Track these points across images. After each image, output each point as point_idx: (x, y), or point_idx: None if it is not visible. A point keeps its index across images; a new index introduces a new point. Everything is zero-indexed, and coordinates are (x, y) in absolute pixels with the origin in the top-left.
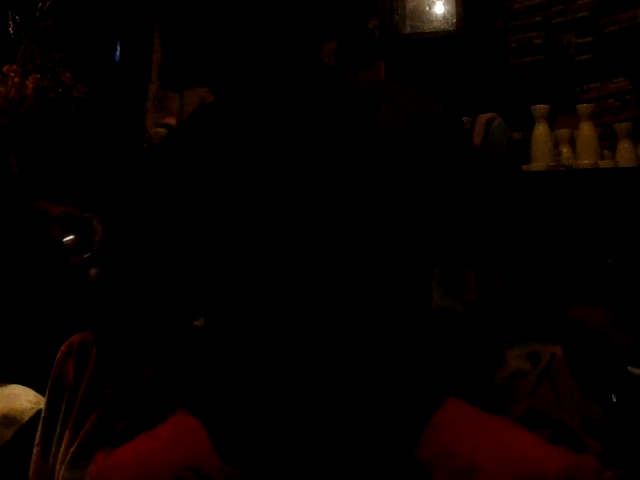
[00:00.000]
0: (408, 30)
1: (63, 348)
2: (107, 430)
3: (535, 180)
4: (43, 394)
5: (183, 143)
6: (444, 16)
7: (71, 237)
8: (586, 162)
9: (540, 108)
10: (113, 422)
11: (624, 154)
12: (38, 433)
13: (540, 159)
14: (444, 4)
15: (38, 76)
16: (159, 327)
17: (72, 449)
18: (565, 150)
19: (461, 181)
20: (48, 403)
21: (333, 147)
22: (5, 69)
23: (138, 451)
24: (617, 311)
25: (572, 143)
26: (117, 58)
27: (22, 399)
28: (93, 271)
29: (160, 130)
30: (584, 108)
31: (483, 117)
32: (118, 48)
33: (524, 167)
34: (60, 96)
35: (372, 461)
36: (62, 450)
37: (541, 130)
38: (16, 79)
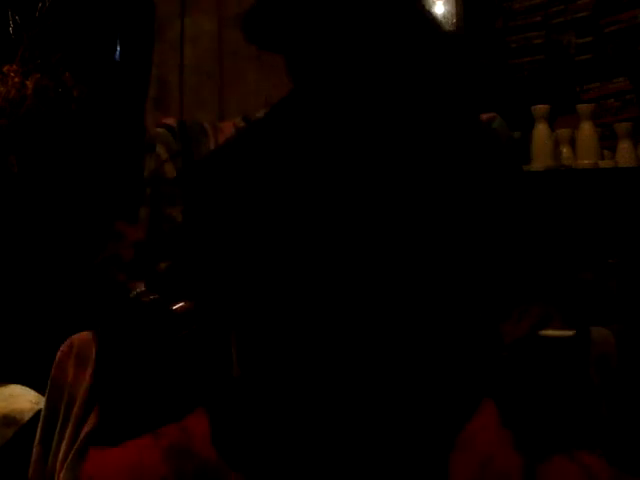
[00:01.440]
0: None
1: (63, 348)
2: (106, 430)
3: (535, 180)
4: (43, 394)
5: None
6: (444, 16)
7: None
8: (586, 162)
9: (540, 108)
10: (112, 423)
11: (624, 154)
12: (38, 433)
13: (540, 159)
14: (444, 4)
15: (38, 76)
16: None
17: (73, 449)
18: (565, 150)
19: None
20: (48, 403)
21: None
22: (5, 69)
23: (127, 456)
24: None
25: (572, 143)
26: (117, 58)
27: (22, 399)
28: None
29: (160, 130)
30: (584, 108)
31: (483, 117)
32: (118, 48)
33: (524, 167)
34: (60, 96)
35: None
36: (62, 450)
37: (541, 130)
38: (16, 79)
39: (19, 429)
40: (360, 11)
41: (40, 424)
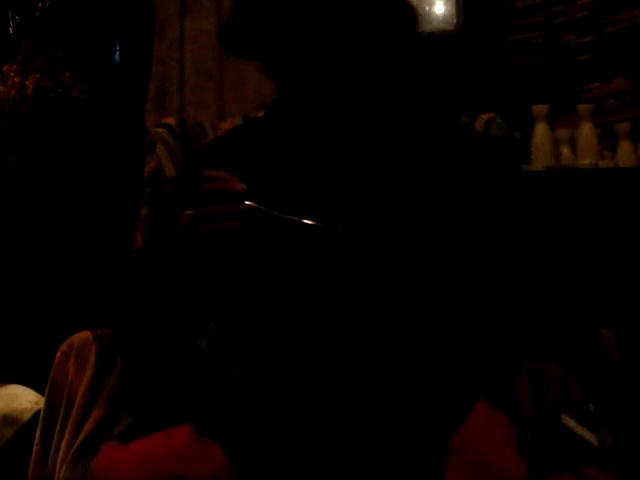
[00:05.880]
0: None
1: (63, 348)
2: (110, 427)
3: (535, 180)
4: (43, 394)
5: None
6: (444, 16)
7: None
8: (586, 162)
9: (540, 108)
10: (116, 420)
11: (624, 154)
12: (37, 433)
13: (540, 159)
14: (444, 4)
15: (38, 76)
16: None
17: (73, 448)
18: (565, 150)
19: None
20: (47, 403)
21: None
22: (5, 69)
23: (142, 454)
24: None
25: (572, 143)
26: (117, 58)
27: (22, 399)
28: None
29: (160, 130)
30: (584, 108)
31: (483, 117)
32: (118, 48)
33: (524, 167)
34: (60, 96)
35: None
36: (62, 450)
37: (541, 130)
38: (16, 79)
39: (19, 429)
40: (335, 15)
41: (40, 424)
